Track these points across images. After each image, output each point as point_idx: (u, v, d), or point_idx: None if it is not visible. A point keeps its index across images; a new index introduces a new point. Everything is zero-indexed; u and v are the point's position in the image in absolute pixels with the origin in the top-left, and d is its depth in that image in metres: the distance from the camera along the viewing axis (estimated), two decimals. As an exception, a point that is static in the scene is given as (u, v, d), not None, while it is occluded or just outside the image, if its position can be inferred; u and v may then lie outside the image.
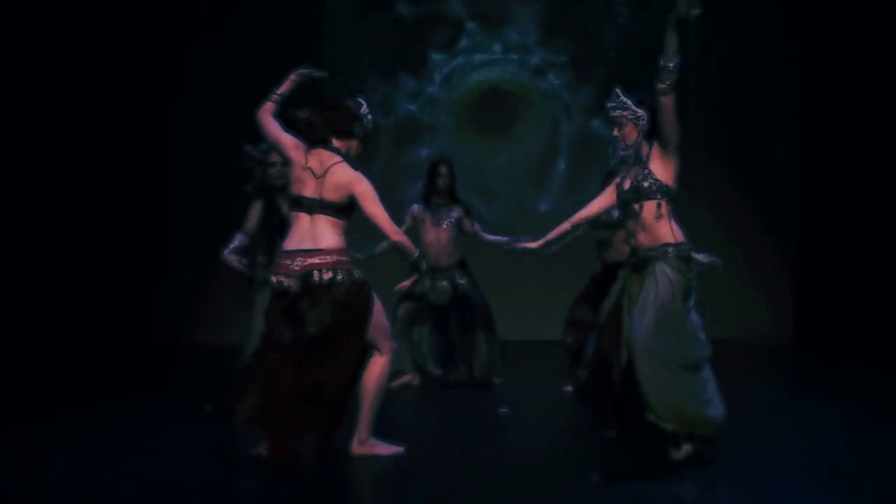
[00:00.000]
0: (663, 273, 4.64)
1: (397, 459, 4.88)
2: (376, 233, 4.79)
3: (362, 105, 4.88)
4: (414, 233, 7.17)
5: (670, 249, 4.68)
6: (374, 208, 4.70)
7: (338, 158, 4.73)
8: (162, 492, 4.32)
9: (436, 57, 10.53)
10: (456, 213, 7.24)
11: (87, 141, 9.46)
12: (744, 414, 5.82)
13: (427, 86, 10.53)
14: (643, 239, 4.76)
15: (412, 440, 5.20)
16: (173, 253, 10.25)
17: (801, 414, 6.15)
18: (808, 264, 9.99)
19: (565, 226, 5.10)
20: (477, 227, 7.28)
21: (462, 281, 7.25)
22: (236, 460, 4.86)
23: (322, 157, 4.72)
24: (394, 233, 4.76)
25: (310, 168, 4.69)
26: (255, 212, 6.12)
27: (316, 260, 4.65)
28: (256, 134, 4.85)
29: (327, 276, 4.63)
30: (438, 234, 7.22)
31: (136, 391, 7.39)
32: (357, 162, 4.80)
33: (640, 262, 4.75)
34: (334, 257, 4.67)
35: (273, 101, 4.71)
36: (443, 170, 7.27)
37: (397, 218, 5.16)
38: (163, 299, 10.18)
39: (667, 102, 4.53)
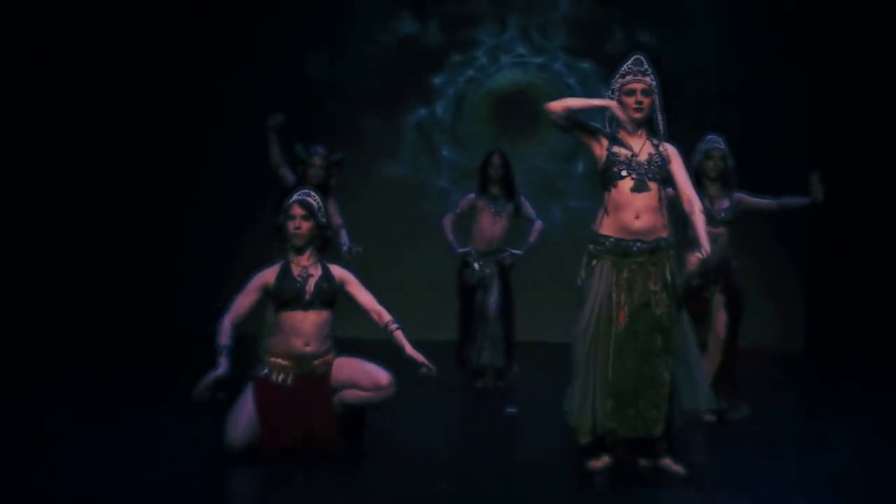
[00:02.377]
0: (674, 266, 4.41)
1: (403, 459, 4.92)
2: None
3: None
4: (467, 218, 7.26)
5: (672, 240, 4.46)
6: None
7: None
8: (162, 491, 4.30)
9: (456, 58, 10.58)
10: (509, 208, 7.21)
11: (94, 137, 9.50)
12: (754, 422, 5.85)
13: (449, 88, 10.57)
14: (649, 221, 4.37)
15: (418, 440, 5.27)
16: (182, 244, 10.25)
17: (810, 422, 6.16)
18: (820, 272, 9.98)
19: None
20: (531, 212, 7.29)
21: (505, 256, 7.19)
22: (237, 459, 4.80)
23: None
24: None
25: None
26: None
27: None
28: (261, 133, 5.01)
29: None
30: (494, 225, 7.20)
31: (141, 387, 7.19)
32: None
33: (652, 248, 4.39)
34: None
35: None
36: (496, 160, 7.21)
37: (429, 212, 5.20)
38: (171, 291, 10.12)
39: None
